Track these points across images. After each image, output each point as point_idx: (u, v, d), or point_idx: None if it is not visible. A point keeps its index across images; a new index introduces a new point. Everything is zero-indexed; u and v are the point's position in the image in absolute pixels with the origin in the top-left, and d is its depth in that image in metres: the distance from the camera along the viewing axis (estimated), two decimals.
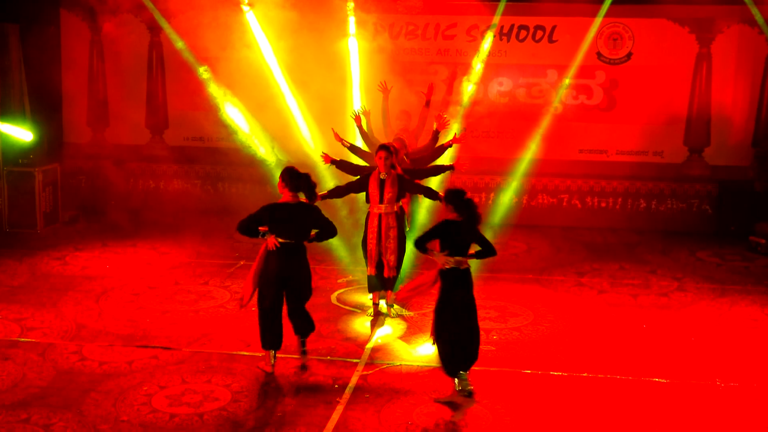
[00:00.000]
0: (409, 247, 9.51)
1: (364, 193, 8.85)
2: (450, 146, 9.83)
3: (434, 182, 10.91)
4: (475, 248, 7.04)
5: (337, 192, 8.90)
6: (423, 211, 10.54)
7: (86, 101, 14.28)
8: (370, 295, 9.13)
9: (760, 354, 8.01)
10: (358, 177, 8.88)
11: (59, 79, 13.99)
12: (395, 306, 9.11)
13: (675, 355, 7.99)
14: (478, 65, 12.79)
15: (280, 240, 7.23)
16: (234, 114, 12.48)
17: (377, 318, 8.88)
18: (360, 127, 10.20)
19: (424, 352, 7.90)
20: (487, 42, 12.75)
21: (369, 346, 8.12)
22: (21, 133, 12.45)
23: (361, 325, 8.74)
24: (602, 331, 8.63)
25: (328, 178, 11.02)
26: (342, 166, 9.17)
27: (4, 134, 12.36)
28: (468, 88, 12.74)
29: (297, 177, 7.31)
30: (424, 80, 12.74)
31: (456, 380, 6.97)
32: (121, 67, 14.11)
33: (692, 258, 11.70)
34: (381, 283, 8.92)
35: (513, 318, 8.93)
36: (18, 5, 12.92)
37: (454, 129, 10.38)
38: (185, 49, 12.71)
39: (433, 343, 7.07)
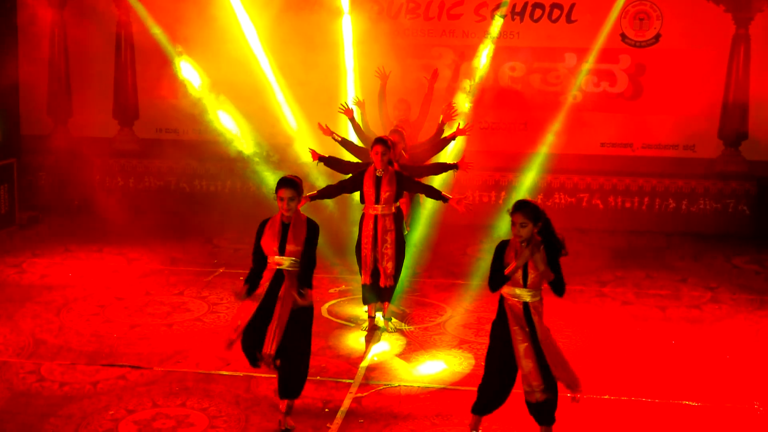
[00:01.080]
0: (409, 254, 9.51)
1: (358, 192, 8.85)
2: (453, 139, 9.83)
3: (437, 181, 10.90)
4: None
5: (328, 192, 8.89)
6: (424, 212, 10.54)
7: (46, 88, 14.25)
8: (365, 308, 9.12)
9: None
10: (351, 175, 8.87)
11: (15, 63, 13.95)
12: (393, 320, 9.10)
13: (708, 374, 7.99)
14: (487, 48, 12.79)
15: None
16: (211, 102, 12.50)
17: (373, 333, 8.86)
18: (352, 119, 10.22)
19: (425, 371, 7.90)
20: (496, 27, 12.76)
21: (363, 364, 8.11)
22: None
23: (355, 340, 8.73)
24: (626, 348, 8.63)
25: (317, 177, 11.03)
26: (332, 163, 9.17)
27: None
28: (476, 73, 12.74)
29: None
30: (427, 65, 12.77)
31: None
32: (85, 50, 14.09)
33: (728, 265, 11.70)
34: (377, 293, 8.91)
35: None
36: None
37: (459, 120, 10.38)
38: (157, 30, 12.70)
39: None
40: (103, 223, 13.02)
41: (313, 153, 9.27)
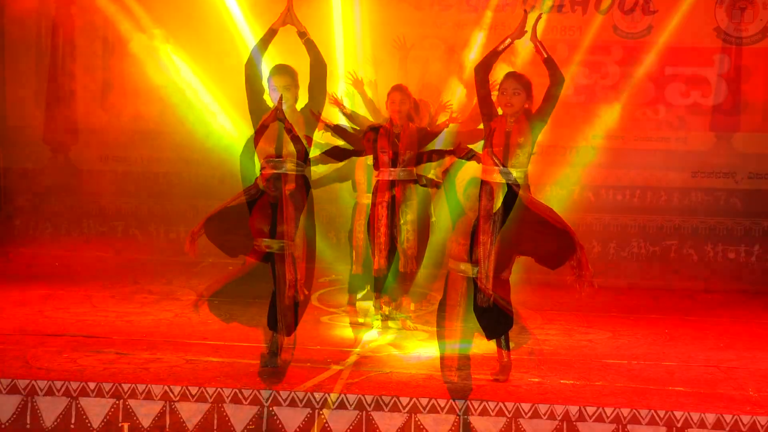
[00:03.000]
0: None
1: (351, 181, 8.67)
2: (446, 127, 9.78)
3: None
4: None
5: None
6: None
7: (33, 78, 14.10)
8: (359, 299, 9.00)
9: None
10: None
11: None
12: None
13: (701, 364, 7.95)
14: (479, 40, 12.73)
15: None
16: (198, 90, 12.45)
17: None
18: (342, 107, 10.11)
19: (416, 358, 7.85)
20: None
21: (356, 350, 8.05)
22: None
23: (345, 328, 8.70)
24: (619, 338, 8.58)
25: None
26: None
27: None
28: (468, 65, 12.68)
29: None
30: (419, 56, 12.71)
31: None
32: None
33: (719, 257, 11.68)
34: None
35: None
36: None
37: (451, 109, 10.33)
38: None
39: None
40: (90, 211, 12.88)
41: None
